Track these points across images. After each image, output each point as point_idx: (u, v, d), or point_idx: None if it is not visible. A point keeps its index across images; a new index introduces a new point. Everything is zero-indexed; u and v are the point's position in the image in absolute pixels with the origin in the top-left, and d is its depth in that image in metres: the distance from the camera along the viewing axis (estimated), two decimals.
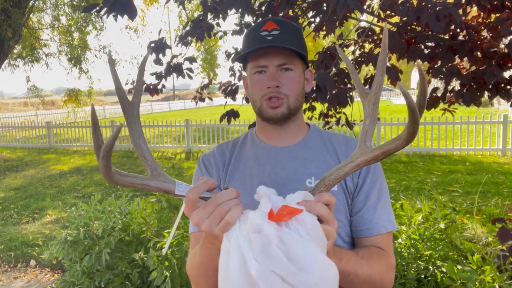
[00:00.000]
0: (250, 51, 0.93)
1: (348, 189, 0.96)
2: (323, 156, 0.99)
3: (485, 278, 1.94)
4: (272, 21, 0.96)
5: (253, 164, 1.00)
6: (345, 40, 2.91)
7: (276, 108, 0.95)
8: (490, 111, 13.93)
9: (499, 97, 1.92)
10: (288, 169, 0.97)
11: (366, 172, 0.97)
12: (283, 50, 0.93)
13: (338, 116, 3.08)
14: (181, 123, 9.85)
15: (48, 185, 6.81)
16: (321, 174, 0.93)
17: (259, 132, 1.06)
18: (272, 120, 0.97)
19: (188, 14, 9.81)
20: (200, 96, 3.16)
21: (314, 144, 1.02)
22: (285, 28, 0.95)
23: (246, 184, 0.97)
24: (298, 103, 0.98)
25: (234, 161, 1.02)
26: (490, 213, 4.07)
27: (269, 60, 0.94)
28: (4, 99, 48.73)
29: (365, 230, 0.95)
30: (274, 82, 0.93)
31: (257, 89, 0.96)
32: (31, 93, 11.03)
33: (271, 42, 0.92)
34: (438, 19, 1.64)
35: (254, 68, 0.96)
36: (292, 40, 0.94)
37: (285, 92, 0.95)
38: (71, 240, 2.50)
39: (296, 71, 0.96)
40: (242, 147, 1.05)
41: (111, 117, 21.98)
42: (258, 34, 0.94)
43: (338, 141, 1.02)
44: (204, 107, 29.87)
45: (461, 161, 7.27)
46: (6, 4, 7.58)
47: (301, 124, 1.04)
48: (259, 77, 0.96)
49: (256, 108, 0.99)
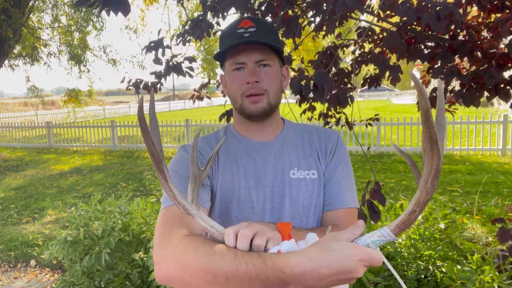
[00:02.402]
0: (229, 47, 0.94)
1: (323, 171, 1.04)
2: (301, 147, 1.06)
3: (484, 278, 1.94)
4: (248, 19, 0.97)
5: (243, 159, 1.02)
6: (345, 40, 2.91)
7: (257, 103, 0.97)
8: (490, 111, 13.93)
9: (498, 97, 1.92)
10: (273, 162, 1.02)
11: (333, 153, 1.05)
12: (261, 47, 0.95)
13: (338, 116, 3.07)
14: (181, 123, 9.85)
15: (48, 185, 6.81)
16: (301, 164, 1.02)
17: (240, 128, 1.07)
18: (254, 117, 0.99)
19: (188, 13, 9.81)
20: (198, 95, 3.15)
21: (291, 137, 1.07)
22: (261, 26, 0.97)
23: (241, 180, 1.00)
24: (277, 98, 1.01)
25: (222, 156, 1.03)
26: (490, 213, 4.07)
27: (248, 56, 0.95)
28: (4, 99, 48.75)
29: (327, 205, 1.01)
30: (254, 78, 0.95)
31: (236, 85, 0.98)
32: (31, 93, 11.03)
33: (248, 39, 0.94)
34: (439, 19, 1.64)
35: (233, 65, 0.97)
36: (269, 36, 0.96)
37: (265, 88, 0.97)
38: (71, 240, 2.49)
39: (274, 67, 0.99)
40: (225, 142, 1.06)
41: (111, 117, 21.98)
42: (235, 32, 0.96)
43: (310, 132, 1.10)
44: (204, 107, 29.86)
45: (461, 161, 7.27)
46: (6, 4, 7.57)
47: (279, 120, 1.09)
48: (238, 73, 0.97)
49: (236, 105, 1.00)
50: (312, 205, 1.00)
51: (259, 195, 0.99)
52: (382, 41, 2.47)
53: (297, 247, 0.70)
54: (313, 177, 1.01)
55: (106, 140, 10.85)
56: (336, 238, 0.67)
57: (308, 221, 1.00)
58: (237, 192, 0.99)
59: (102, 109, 23.95)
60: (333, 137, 1.08)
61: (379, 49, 2.67)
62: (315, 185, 1.01)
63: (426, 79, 2.60)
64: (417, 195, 0.62)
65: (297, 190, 0.99)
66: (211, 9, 2.39)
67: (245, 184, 1.00)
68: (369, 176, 6.32)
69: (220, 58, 1.02)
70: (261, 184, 1.00)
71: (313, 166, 1.02)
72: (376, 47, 2.73)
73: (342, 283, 0.65)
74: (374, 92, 30.76)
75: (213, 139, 1.08)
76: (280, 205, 0.99)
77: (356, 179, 6.18)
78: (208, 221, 0.77)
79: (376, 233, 0.67)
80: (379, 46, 2.65)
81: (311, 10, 2.51)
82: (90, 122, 16.12)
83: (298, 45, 2.58)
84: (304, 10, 2.57)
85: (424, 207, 0.62)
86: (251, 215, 0.98)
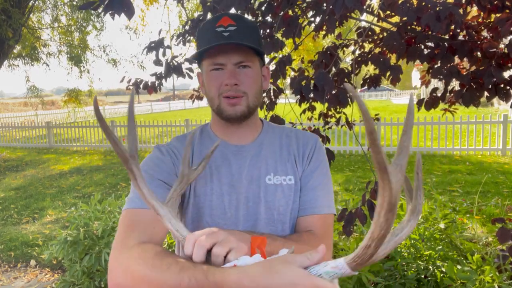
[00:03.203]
0: (207, 48, 0.90)
1: (299, 176, 1.01)
2: (279, 151, 1.02)
3: (484, 278, 1.94)
4: (228, 16, 0.92)
5: (217, 163, 0.98)
6: (345, 40, 2.91)
7: (235, 105, 0.93)
8: (490, 111, 13.93)
9: (498, 97, 1.92)
10: (249, 167, 0.98)
11: (311, 157, 1.02)
12: (241, 47, 0.91)
13: (338, 116, 3.07)
14: (181, 123, 9.85)
15: (48, 185, 6.81)
16: (278, 169, 0.99)
17: (216, 129, 1.03)
18: (232, 119, 0.95)
19: (188, 13, 9.81)
20: (198, 95, 3.15)
21: (268, 141, 1.04)
22: (241, 24, 0.92)
23: (214, 185, 0.96)
24: (256, 101, 0.97)
25: (195, 158, 1.00)
26: (490, 213, 4.07)
27: (227, 57, 0.91)
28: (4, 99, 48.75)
29: (301, 210, 0.98)
30: (233, 80, 0.91)
31: (214, 86, 0.94)
32: (31, 93, 11.02)
33: (228, 39, 0.89)
34: (439, 19, 1.64)
35: (211, 65, 0.93)
36: (249, 36, 0.91)
37: (244, 90, 0.93)
38: (71, 240, 2.50)
39: (254, 68, 0.95)
40: (201, 143, 1.02)
41: (111, 117, 21.98)
42: (213, 30, 0.91)
43: (289, 136, 1.06)
44: (204, 107, 29.85)
45: (461, 161, 7.27)
46: (6, 4, 7.57)
47: (257, 122, 1.05)
48: (216, 74, 0.93)
49: (214, 107, 0.96)
50: (288, 211, 0.97)
51: (231, 201, 0.95)
52: (382, 41, 2.47)
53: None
54: (290, 183, 0.98)
55: (106, 140, 10.84)
56: (287, 260, 0.63)
57: (284, 227, 0.98)
58: (209, 197, 0.96)
59: (102, 109, 23.96)
60: (311, 141, 1.04)
61: (379, 49, 2.67)
62: (292, 191, 0.98)
63: (426, 79, 2.60)
64: (371, 229, 0.56)
65: (273, 196, 0.96)
66: (211, 9, 2.39)
67: (218, 189, 0.96)
68: (369, 176, 6.32)
69: (197, 56, 0.97)
70: (235, 190, 0.96)
71: (290, 172, 0.99)
72: (376, 47, 2.73)
73: None
74: (374, 92, 30.75)
75: (187, 140, 1.04)
76: (255, 211, 0.96)
77: (356, 179, 6.18)
78: (175, 224, 0.74)
79: (331, 264, 0.60)
80: (379, 46, 2.65)
81: (311, 10, 2.51)
82: (90, 122, 16.11)
83: (298, 45, 2.58)
84: (304, 10, 2.57)
85: (380, 242, 0.55)
86: (223, 221, 0.95)
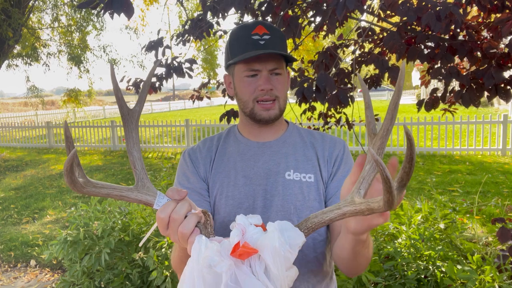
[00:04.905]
0: (252, 56, 0.96)
1: (323, 179, 1.03)
2: (301, 150, 1.07)
3: (484, 278, 1.94)
4: (262, 25, 1.01)
5: (236, 158, 1.06)
6: (345, 40, 2.91)
7: (269, 110, 1.01)
8: (490, 111, 13.93)
9: (498, 97, 1.92)
10: (269, 162, 1.04)
11: (339, 163, 1.05)
12: (275, 55, 0.99)
13: (338, 116, 3.08)
14: (181, 123, 9.84)
15: (48, 185, 6.81)
16: (299, 167, 1.03)
17: (242, 129, 1.11)
18: (265, 122, 1.03)
19: (188, 13, 9.81)
20: (198, 95, 3.15)
21: (292, 139, 1.09)
22: (274, 33, 1.01)
23: (230, 177, 1.03)
24: (285, 104, 1.06)
25: (218, 156, 1.08)
26: (490, 213, 4.07)
27: (263, 64, 0.99)
28: (4, 99, 48.73)
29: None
30: (269, 86, 0.99)
31: (249, 91, 1.01)
32: (31, 93, 11.04)
33: (264, 47, 0.98)
34: (439, 19, 1.64)
35: (247, 71, 1.00)
36: (281, 45, 1.01)
37: (276, 94, 1.01)
38: (71, 240, 2.49)
39: (284, 75, 1.04)
40: (225, 142, 1.10)
41: (111, 117, 21.98)
42: (249, 38, 0.99)
43: (315, 137, 1.10)
44: (204, 107, 29.86)
45: (461, 161, 7.27)
46: (6, 4, 7.58)
47: (282, 122, 1.12)
48: (251, 79, 1.00)
49: (246, 110, 1.03)
50: (305, 207, 1.00)
51: (248, 192, 1.01)
52: (382, 41, 2.47)
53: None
54: (310, 180, 1.02)
55: (106, 140, 10.84)
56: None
57: (300, 221, 1.00)
58: (225, 188, 1.02)
59: (102, 109, 23.95)
60: (339, 145, 1.08)
61: (379, 49, 2.67)
62: (311, 189, 1.01)
63: (426, 79, 2.60)
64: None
65: (291, 191, 1.00)
66: (211, 9, 2.40)
67: (234, 180, 1.02)
68: None
69: (229, 59, 1.03)
70: (252, 182, 1.02)
71: (310, 170, 1.03)
72: (376, 47, 2.73)
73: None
74: (374, 92, 30.74)
75: (215, 140, 1.12)
76: (272, 203, 1.00)
77: None
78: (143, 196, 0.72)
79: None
80: (379, 46, 2.65)
81: (311, 10, 2.51)
82: (90, 122, 16.11)
83: (298, 45, 2.59)
84: (304, 10, 2.57)
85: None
86: (239, 212, 0.98)
